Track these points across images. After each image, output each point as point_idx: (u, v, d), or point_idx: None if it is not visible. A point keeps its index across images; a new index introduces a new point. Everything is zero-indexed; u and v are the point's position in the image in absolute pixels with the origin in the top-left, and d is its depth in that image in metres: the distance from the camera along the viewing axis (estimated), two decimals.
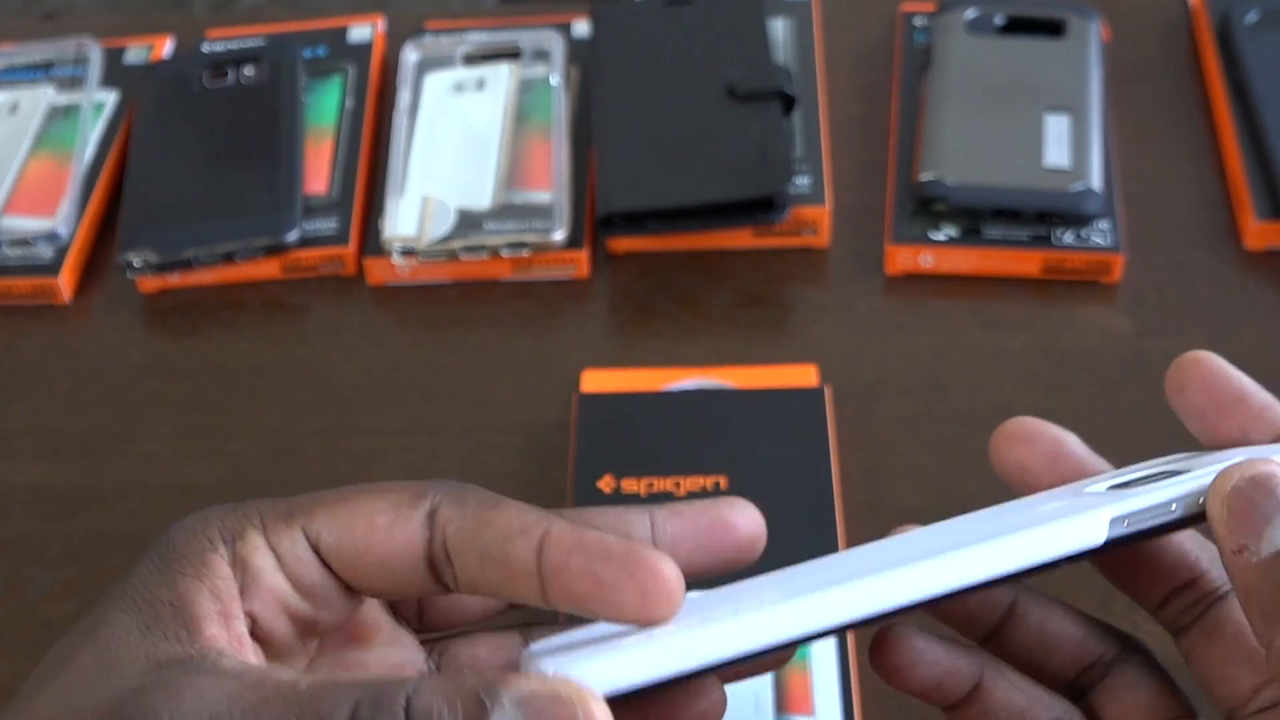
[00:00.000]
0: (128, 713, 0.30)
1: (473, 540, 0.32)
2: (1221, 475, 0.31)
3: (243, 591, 0.33)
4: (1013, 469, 0.38)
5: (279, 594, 0.34)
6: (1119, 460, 0.61)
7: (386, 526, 0.33)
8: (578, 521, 0.32)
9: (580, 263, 0.68)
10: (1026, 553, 0.31)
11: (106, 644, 0.32)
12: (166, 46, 0.80)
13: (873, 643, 0.36)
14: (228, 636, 0.32)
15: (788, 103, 0.70)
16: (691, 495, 0.57)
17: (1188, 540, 0.36)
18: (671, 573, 0.31)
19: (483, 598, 0.37)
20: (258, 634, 0.34)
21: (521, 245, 0.67)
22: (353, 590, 0.34)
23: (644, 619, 0.30)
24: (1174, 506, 0.32)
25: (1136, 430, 0.62)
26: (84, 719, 0.30)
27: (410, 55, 0.75)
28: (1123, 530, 0.32)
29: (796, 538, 0.56)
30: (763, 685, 0.52)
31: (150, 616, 0.32)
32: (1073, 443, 0.38)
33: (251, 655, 0.33)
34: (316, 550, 0.33)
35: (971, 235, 0.67)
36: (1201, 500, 0.32)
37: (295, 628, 0.34)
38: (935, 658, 0.35)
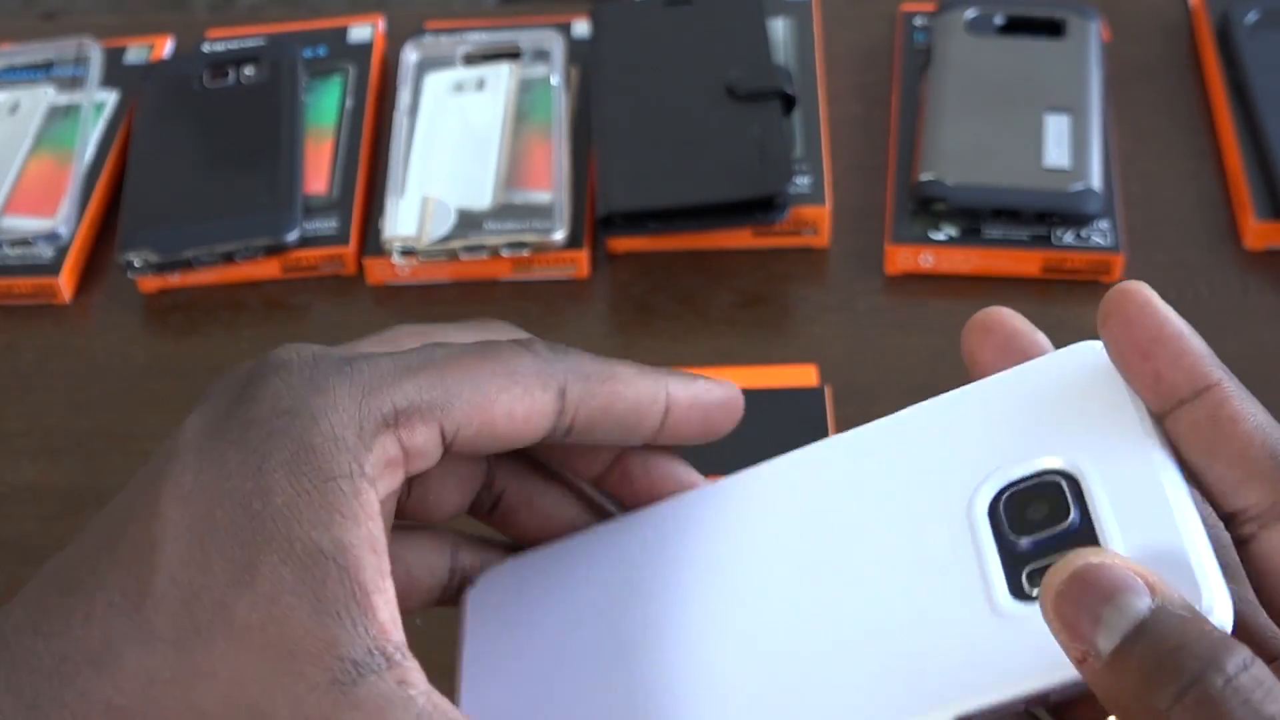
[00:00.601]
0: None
1: (605, 414, 0.34)
2: (1044, 582, 0.28)
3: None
4: (967, 358, 0.37)
5: (390, 493, 0.32)
6: None
7: (525, 417, 0.33)
8: (644, 376, 0.35)
9: (580, 263, 0.68)
10: None
11: (276, 617, 0.29)
12: (166, 46, 0.80)
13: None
14: (393, 618, 0.30)
15: (788, 103, 0.70)
16: None
17: None
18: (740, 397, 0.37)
19: (456, 503, 0.37)
20: None
21: (521, 245, 0.67)
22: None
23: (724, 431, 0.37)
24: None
25: None
26: None
27: (410, 55, 0.75)
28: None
29: None
30: None
31: (317, 583, 0.29)
32: (1024, 337, 0.36)
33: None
34: (446, 443, 0.32)
35: (971, 235, 0.67)
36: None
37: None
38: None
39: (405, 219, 0.68)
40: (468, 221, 0.68)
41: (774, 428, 0.60)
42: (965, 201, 0.66)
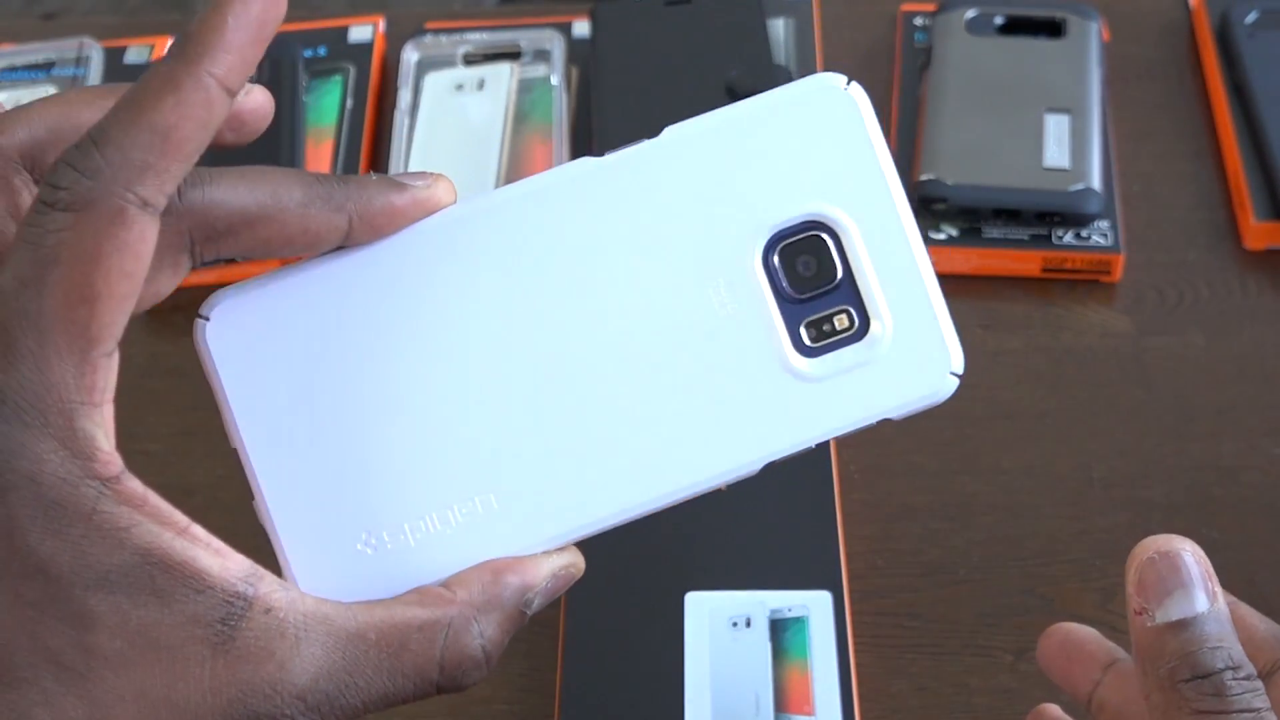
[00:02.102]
0: (245, 676, 0.30)
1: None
2: (1140, 544, 0.35)
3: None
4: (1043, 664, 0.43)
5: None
6: (1128, 471, 0.61)
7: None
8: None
9: None
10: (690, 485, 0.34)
11: (137, 628, 0.29)
12: (166, 46, 0.80)
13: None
14: (217, 556, 0.31)
15: None
16: None
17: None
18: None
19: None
20: None
21: None
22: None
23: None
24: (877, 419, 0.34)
25: (1136, 430, 0.62)
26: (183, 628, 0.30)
27: (410, 55, 0.75)
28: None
29: (797, 537, 0.56)
30: (763, 685, 0.52)
31: (147, 585, 0.30)
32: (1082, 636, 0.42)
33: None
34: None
35: (971, 235, 0.67)
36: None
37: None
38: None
39: None
40: None
41: None
42: (965, 201, 0.66)
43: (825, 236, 0.34)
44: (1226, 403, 0.62)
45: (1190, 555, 0.35)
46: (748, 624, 0.53)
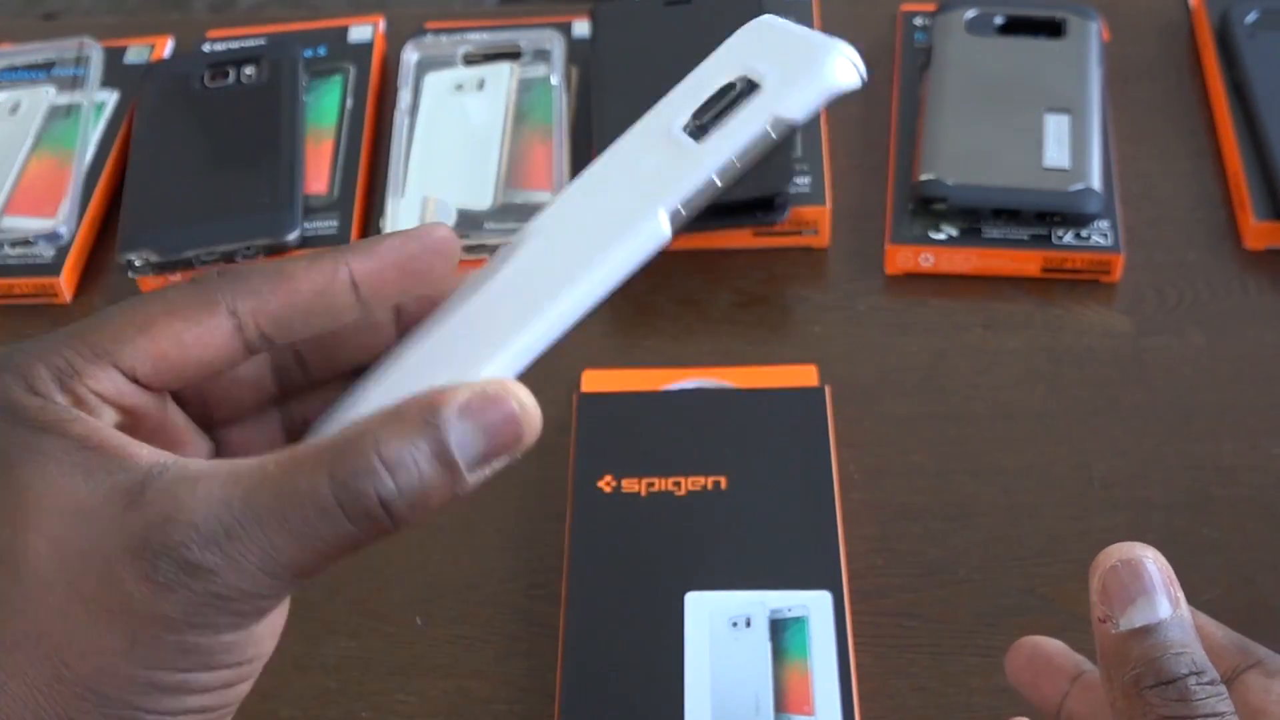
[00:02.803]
0: (155, 547, 0.31)
1: (291, 312, 0.35)
2: (1104, 552, 0.35)
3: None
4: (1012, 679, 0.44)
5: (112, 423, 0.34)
6: (1128, 471, 0.61)
7: (195, 342, 0.34)
8: (316, 261, 0.35)
9: None
10: (605, 283, 0.36)
11: (57, 491, 0.32)
12: (166, 46, 0.80)
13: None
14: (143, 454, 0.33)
15: None
16: (692, 494, 0.57)
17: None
18: (448, 231, 0.36)
19: (255, 389, 0.38)
20: None
21: None
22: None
23: (451, 272, 0.36)
24: (769, 133, 0.34)
25: (1136, 429, 0.62)
26: (114, 559, 0.31)
27: (410, 55, 0.75)
28: (684, 211, 0.35)
29: (797, 537, 0.56)
30: (763, 685, 0.52)
31: (80, 462, 0.32)
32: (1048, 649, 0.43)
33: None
34: (134, 378, 0.34)
35: (971, 235, 0.67)
36: (789, 118, 0.34)
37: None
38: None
39: (405, 219, 0.68)
40: (468, 221, 0.68)
41: (774, 428, 0.60)
42: (965, 201, 0.66)
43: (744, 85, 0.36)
44: (1226, 403, 0.62)
45: (1152, 562, 0.35)
46: (748, 624, 0.53)
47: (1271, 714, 0.35)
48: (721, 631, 0.53)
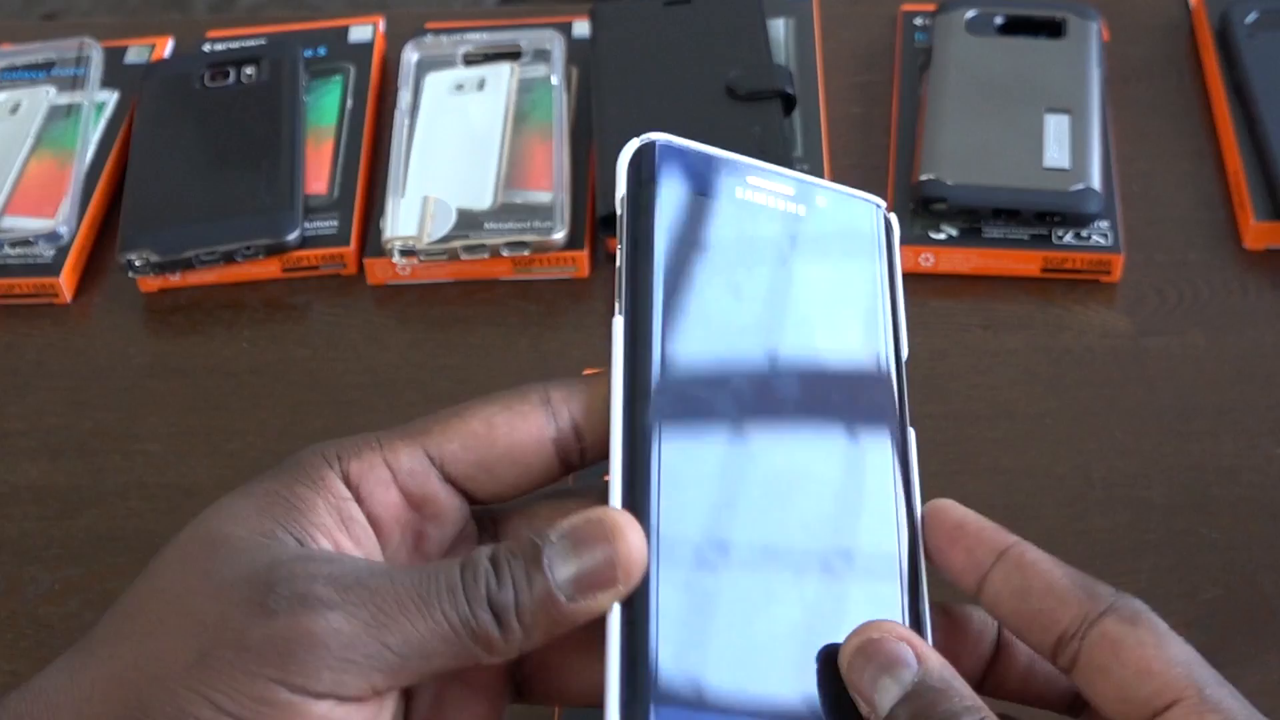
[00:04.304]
0: (280, 576, 0.32)
1: (598, 402, 0.36)
2: (843, 647, 0.34)
3: (359, 502, 0.35)
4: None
5: (388, 507, 0.35)
6: (1128, 471, 0.61)
7: (507, 423, 0.36)
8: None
9: (580, 262, 0.68)
10: None
11: (220, 525, 0.34)
12: (167, 46, 0.80)
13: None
14: (338, 548, 0.34)
15: (788, 103, 0.70)
16: None
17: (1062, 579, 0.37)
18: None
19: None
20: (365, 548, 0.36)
21: (522, 245, 0.67)
22: (472, 499, 0.37)
23: None
24: None
25: (1136, 429, 0.62)
26: (230, 583, 0.32)
27: (410, 55, 0.75)
28: None
29: None
30: None
31: (265, 503, 0.34)
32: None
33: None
34: (441, 465, 0.36)
35: (971, 235, 0.67)
36: None
37: (406, 540, 0.36)
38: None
39: (406, 219, 0.68)
40: (468, 221, 0.68)
41: None
42: (965, 201, 0.66)
43: None
44: (1226, 403, 0.62)
45: (876, 634, 0.34)
46: None
47: (1155, 670, 0.34)
48: None
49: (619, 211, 0.35)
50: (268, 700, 0.31)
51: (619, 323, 0.34)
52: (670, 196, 0.35)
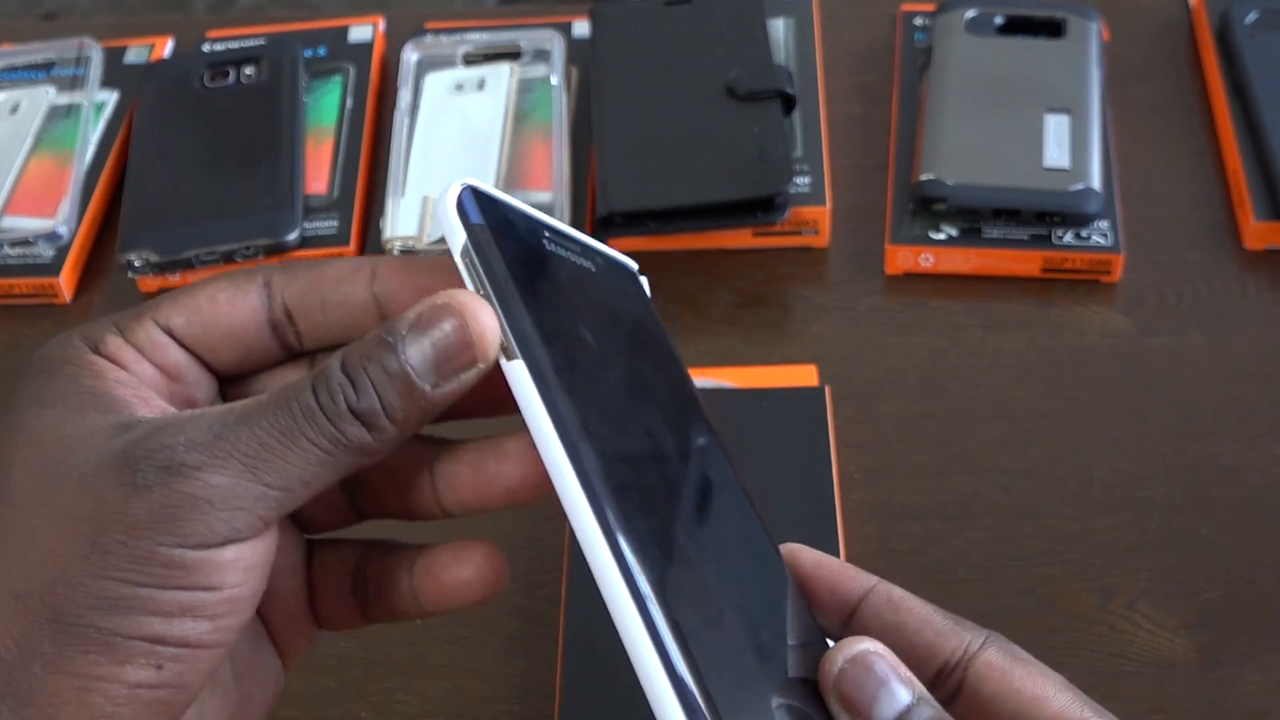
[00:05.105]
0: (139, 454, 0.32)
1: (311, 293, 0.37)
2: (826, 660, 0.34)
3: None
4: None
5: (151, 380, 0.36)
6: (1128, 471, 0.61)
7: (228, 300, 0.37)
8: (350, 259, 0.37)
9: None
10: None
11: (42, 433, 0.34)
12: (166, 46, 0.80)
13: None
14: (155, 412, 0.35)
15: (788, 103, 0.70)
16: None
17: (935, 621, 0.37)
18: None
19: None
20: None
21: None
22: (212, 371, 0.38)
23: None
24: None
25: (1136, 429, 0.62)
26: (90, 474, 0.33)
27: (410, 55, 0.75)
28: None
29: (797, 537, 0.56)
30: None
31: (62, 398, 0.34)
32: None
33: None
34: (176, 337, 0.37)
35: (971, 235, 0.67)
36: None
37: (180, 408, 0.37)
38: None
39: (405, 219, 0.68)
40: None
41: (774, 428, 0.60)
42: (965, 201, 0.66)
43: None
44: (1226, 403, 0.62)
45: (874, 652, 0.34)
46: None
47: (1049, 696, 0.34)
48: None
49: (462, 256, 0.34)
50: (174, 563, 0.32)
51: (519, 365, 0.33)
52: (507, 241, 0.35)
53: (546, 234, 0.37)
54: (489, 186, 0.36)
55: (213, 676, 0.35)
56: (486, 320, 0.33)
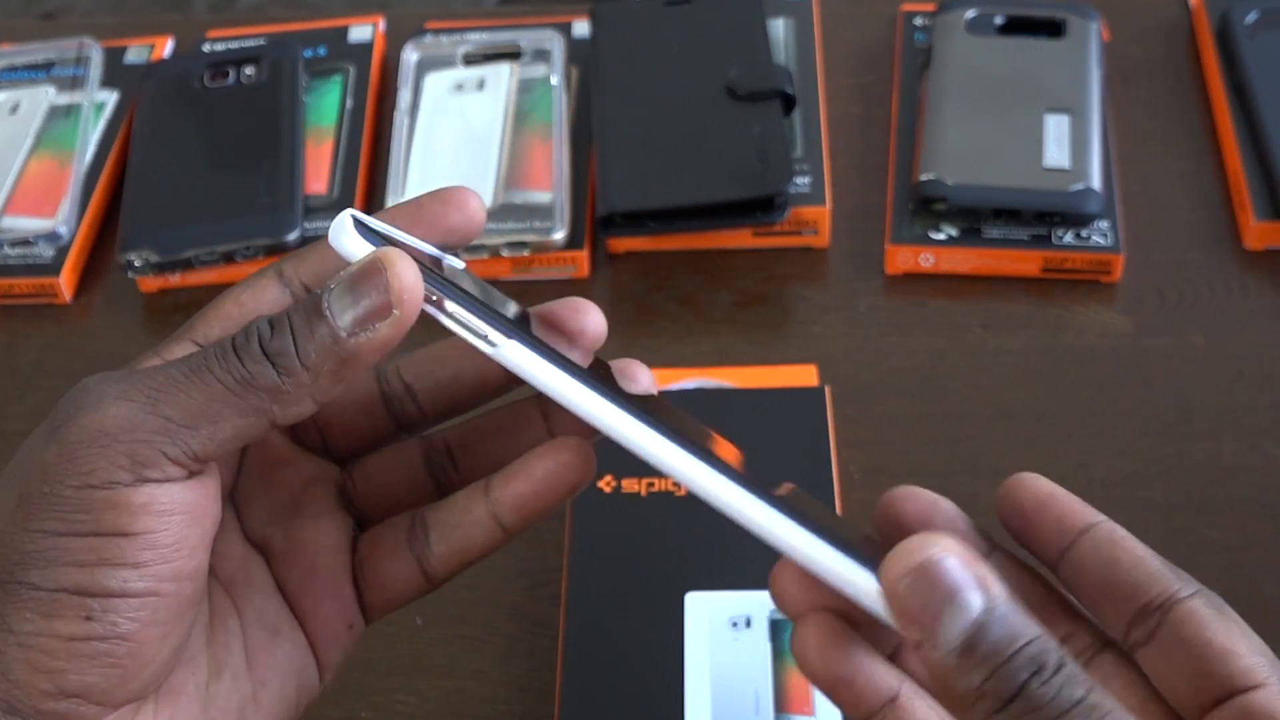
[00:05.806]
0: (64, 398, 0.33)
1: (323, 265, 0.37)
2: (888, 563, 0.31)
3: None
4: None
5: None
6: (1128, 471, 0.61)
7: (252, 299, 0.37)
8: None
9: (580, 263, 0.68)
10: None
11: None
12: (166, 46, 0.80)
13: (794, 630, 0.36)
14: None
15: (788, 103, 0.70)
16: (692, 494, 0.57)
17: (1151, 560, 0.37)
18: (477, 201, 0.38)
19: (366, 414, 0.41)
20: None
21: (522, 245, 0.67)
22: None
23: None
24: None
25: (1136, 429, 0.62)
26: (26, 444, 0.34)
27: (410, 55, 0.75)
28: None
29: None
30: (763, 685, 0.52)
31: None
32: (944, 508, 0.39)
33: None
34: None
35: (971, 235, 0.67)
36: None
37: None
38: (857, 658, 0.34)
39: None
40: None
41: (774, 427, 0.60)
42: (965, 201, 0.66)
43: None
44: (1226, 403, 0.62)
45: (947, 555, 0.30)
46: (748, 624, 0.53)
47: (1240, 652, 0.34)
48: (721, 632, 0.53)
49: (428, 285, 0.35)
50: (83, 505, 0.32)
51: (515, 345, 0.35)
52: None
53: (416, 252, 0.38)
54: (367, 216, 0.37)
55: (175, 633, 0.34)
56: (408, 273, 0.33)
